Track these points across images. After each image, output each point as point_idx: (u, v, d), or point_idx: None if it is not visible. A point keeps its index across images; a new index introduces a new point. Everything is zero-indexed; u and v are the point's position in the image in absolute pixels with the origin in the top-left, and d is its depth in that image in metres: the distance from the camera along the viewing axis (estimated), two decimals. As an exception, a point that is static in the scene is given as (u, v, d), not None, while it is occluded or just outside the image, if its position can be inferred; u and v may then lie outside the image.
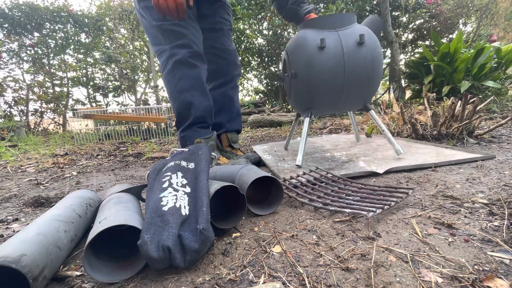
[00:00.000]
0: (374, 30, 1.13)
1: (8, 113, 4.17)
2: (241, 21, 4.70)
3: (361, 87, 1.13)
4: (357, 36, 1.06)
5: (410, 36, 4.95)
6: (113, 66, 5.04)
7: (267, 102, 5.09)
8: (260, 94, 5.80)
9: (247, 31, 4.96)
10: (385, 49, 4.72)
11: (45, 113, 4.51)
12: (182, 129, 1.20)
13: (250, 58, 5.44)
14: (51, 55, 4.61)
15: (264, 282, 0.45)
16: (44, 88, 4.52)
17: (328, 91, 1.10)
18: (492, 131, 1.55)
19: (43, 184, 1.29)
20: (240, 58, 5.51)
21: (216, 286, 0.46)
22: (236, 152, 1.37)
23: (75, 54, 4.94)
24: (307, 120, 1.17)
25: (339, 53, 1.05)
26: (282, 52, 1.30)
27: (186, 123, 1.19)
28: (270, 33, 4.55)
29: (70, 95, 4.83)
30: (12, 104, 4.23)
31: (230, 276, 0.48)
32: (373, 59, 1.09)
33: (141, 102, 5.21)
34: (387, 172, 0.99)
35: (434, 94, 2.46)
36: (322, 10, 4.50)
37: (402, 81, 4.23)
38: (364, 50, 1.06)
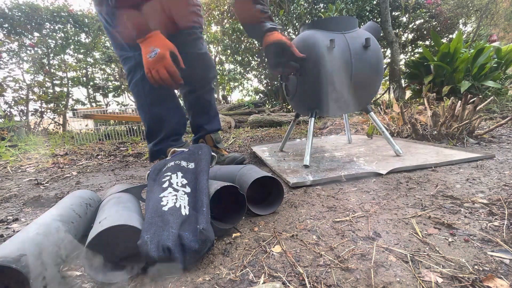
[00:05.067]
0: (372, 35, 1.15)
1: (8, 113, 4.17)
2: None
3: (365, 89, 1.15)
4: (362, 39, 1.08)
5: (410, 36, 4.95)
6: (113, 66, 5.04)
7: (267, 102, 5.09)
8: (260, 94, 5.80)
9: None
10: (385, 49, 4.73)
11: (45, 113, 4.51)
12: (154, 143, 1.17)
13: (250, 58, 5.43)
14: (51, 55, 4.61)
15: (264, 282, 0.45)
16: (44, 88, 4.51)
17: (335, 92, 1.11)
18: (492, 131, 1.55)
19: (43, 184, 1.29)
20: (240, 58, 5.52)
21: (216, 286, 0.46)
22: (222, 152, 1.37)
23: (75, 54, 4.93)
24: (312, 120, 1.18)
25: (347, 55, 1.07)
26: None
27: (157, 138, 1.16)
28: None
29: (70, 95, 4.83)
30: (12, 104, 4.23)
31: (230, 276, 0.48)
32: (378, 62, 1.12)
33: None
34: (389, 172, 0.99)
35: (434, 94, 2.46)
36: (322, 10, 4.50)
37: (402, 81, 4.23)
38: (369, 53, 1.09)
